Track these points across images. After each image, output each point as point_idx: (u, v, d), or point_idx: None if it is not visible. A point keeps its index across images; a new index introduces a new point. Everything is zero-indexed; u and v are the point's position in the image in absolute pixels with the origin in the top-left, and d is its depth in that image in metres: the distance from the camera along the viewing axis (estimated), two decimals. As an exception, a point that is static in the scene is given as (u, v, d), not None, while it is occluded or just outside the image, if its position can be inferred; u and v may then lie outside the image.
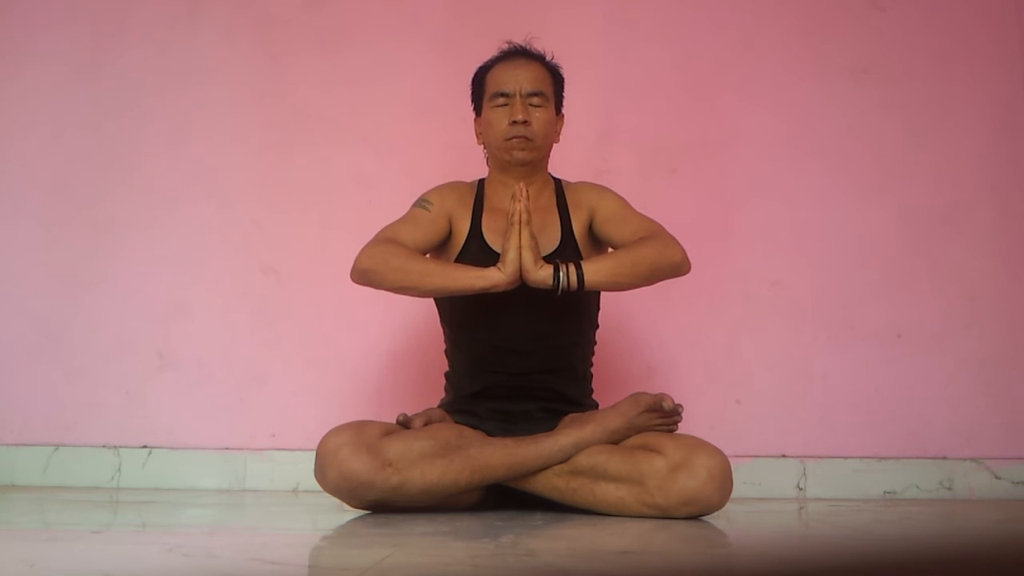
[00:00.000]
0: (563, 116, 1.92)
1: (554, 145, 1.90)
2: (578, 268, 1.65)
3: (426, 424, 1.66)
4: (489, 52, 1.89)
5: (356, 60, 2.45)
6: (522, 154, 1.82)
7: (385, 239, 1.74)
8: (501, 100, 1.81)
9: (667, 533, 1.35)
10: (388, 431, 1.60)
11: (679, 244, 1.76)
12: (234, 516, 1.67)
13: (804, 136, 2.42)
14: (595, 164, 2.38)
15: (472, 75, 1.90)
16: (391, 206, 2.32)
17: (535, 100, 1.81)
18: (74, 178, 2.41)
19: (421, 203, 1.85)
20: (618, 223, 1.83)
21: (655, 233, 1.77)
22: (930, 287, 2.35)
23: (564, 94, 1.91)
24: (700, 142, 2.42)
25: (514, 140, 1.80)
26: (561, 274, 1.64)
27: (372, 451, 1.53)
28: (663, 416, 1.67)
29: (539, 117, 1.81)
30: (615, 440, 1.65)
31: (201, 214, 2.38)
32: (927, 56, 2.46)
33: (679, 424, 1.70)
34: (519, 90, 1.80)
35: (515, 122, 1.79)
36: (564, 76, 1.90)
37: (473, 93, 1.91)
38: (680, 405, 1.69)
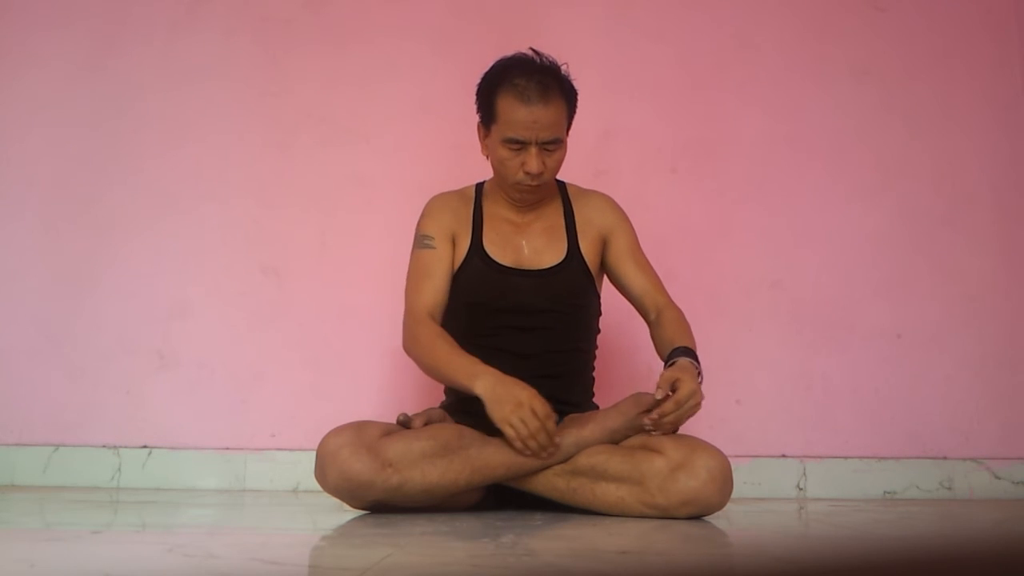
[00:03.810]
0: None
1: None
2: None
3: (426, 424, 1.66)
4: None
5: (356, 60, 2.45)
6: (531, 197, 1.81)
7: (415, 318, 1.73)
8: (515, 146, 1.72)
9: (667, 533, 1.35)
10: (388, 431, 1.60)
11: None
12: (234, 516, 1.67)
13: (804, 136, 2.42)
14: (595, 164, 2.38)
15: (480, 81, 1.77)
16: (391, 206, 2.34)
17: (551, 146, 1.73)
18: (74, 178, 2.41)
19: (423, 243, 1.80)
20: (630, 270, 1.84)
21: (673, 307, 1.82)
22: (930, 287, 2.35)
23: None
24: (700, 142, 2.42)
25: (525, 186, 1.76)
26: None
27: (372, 451, 1.53)
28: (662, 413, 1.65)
29: (553, 161, 1.75)
30: (615, 440, 1.64)
31: (201, 214, 2.38)
32: (927, 56, 2.46)
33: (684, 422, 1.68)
34: (535, 139, 1.70)
35: (529, 172, 1.73)
36: (576, 89, 1.79)
37: (481, 106, 1.77)
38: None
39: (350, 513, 1.60)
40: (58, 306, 2.34)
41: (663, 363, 1.72)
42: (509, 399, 1.56)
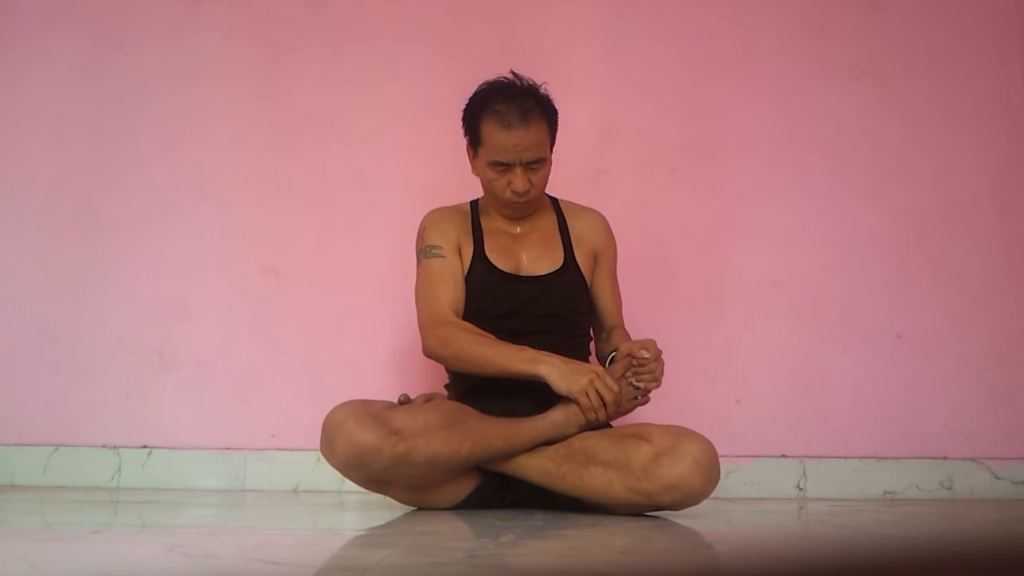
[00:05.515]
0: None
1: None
2: None
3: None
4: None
5: (356, 60, 2.45)
6: (520, 212, 1.87)
7: (438, 320, 1.76)
8: (501, 167, 1.79)
9: (667, 533, 1.35)
10: (391, 407, 1.65)
11: None
12: (234, 516, 1.67)
13: (804, 136, 2.42)
14: (595, 164, 2.38)
15: (465, 106, 1.82)
16: (391, 206, 2.34)
17: (535, 165, 1.79)
18: (75, 179, 2.41)
19: (432, 252, 1.84)
20: (605, 291, 1.94)
21: (624, 328, 1.95)
22: (931, 287, 2.35)
23: (559, 118, 1.85)
24: (700, 142, 2.42)
25: (514, 203, 1.83)
26: None
27: (378, 420, 1.56)
28: (638, 368, 1.70)
29: (538, 178, 1.82)
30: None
31: (201, 214, 2.38)
32: (927, 56, 2.46)
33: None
34: (519, 160, 1.77)
35: (515, 191, 1.79)
36: (557, 108, 1.84)
37: (467, 130, 1.84)
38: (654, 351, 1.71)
39: (350, 513, 1.61)
40: (58, 306, 2.34)
41: (607, 360, 1.82)
42: (583, 372, 1.65)
